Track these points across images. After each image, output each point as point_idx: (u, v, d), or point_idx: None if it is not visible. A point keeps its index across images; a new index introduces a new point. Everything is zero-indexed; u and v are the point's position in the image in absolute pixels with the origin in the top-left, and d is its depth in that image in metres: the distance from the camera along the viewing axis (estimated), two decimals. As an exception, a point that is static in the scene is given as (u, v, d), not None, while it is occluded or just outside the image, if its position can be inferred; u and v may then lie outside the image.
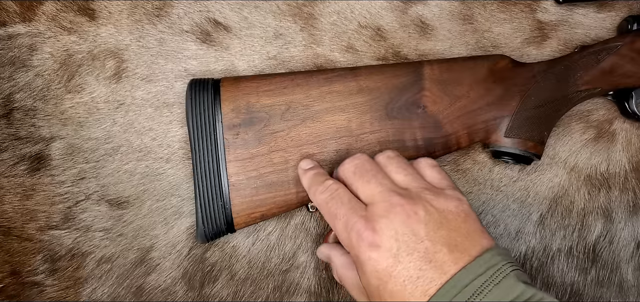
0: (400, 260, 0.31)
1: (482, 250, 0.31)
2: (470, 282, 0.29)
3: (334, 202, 0.35)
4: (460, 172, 0.47)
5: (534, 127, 0.44)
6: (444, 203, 0.33)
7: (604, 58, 0.45)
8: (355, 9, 0.48)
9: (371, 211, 0.33)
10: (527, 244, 0.48)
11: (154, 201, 0.45)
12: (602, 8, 0.49)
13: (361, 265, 0.32)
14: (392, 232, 0.31)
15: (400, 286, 0.30)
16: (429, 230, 0.31)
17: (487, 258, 0.30)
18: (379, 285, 0.31)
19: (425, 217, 0.32)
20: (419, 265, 0.30)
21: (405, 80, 0.43)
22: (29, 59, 0.45)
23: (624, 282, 0.48)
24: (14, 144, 0.44)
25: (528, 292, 0.29)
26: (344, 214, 0.34)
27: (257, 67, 0.47)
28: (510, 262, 0.31)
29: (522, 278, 0.30)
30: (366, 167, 0.36)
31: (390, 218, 0.32)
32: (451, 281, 0.29)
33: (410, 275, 0.30)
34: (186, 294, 0.45)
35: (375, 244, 0.32)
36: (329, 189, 0.36)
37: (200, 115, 0.42)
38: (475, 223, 0.33)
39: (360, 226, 0.32)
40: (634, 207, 0.48)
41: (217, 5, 0.47)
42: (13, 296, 0.43)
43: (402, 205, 0.32)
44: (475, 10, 0.48)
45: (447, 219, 0.32)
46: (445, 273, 0.30)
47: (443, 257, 0.30)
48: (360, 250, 0.32)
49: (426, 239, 0.31)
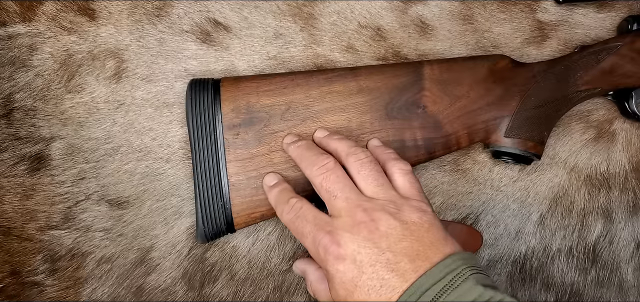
0: (364, 271, 0.32)
1: (443, 256, 0.32)
2: (430, 287, 0.30)
3: (299, 221, 0.36)
4: (460, 172, 0.48)
5: (534, 127, 0.44)
6: (408, 215, 0.34)
7: (604, 58, 0.45)
8: (355, 9, 0.48)
9: (336, 225, 0.35)
10: (527, 244, 0.48)
11: (154, 201, 0.45)
12: (602, 8, 0.49)
13: (330, 278, 0.34)
14: (356, 246, 0.33)
15: (365, 295, 0.32)
16: (390, 242, 0.33)
17: (448, 263, 0.32)
18: (346, 295, 0.33)
19: (386, 231, 0.33)
20: (381, 275, 0.32)
21: (405, 80, 0.43)
22: (29, 59, 0.45)
23: (624, 282, 0.48)
24: (14, 144, 0.44)
25: (486, 294, 0.30)
26: (310, 231, 0.35)
27: (257, 67, 0.47)
28: (470, 266, 0.32)
29: (482, 281, 0.31)
30: (332, 178, 0.37)
31: (354, 233, 0.34)
32: (412, 288, 0.31)
33: (374, 284, 0.32)
34: (186, 294, 0.45)
35: (341, 257, 0.33)
36: (293, 208, 0.37)
37: (200, 115, 0.42)
38: (438, 232, 0.34)
39: (327, 241, 0.34)
40: (634, 207, 0.48)
41: (217, 5, 0.47)
42: (13, 296, 0.43)
43: (365, 222, 0.34)
44: (475, 10, 0.48)
45: (409, 230, 0.34)
46: (406, 281, 0.31)
47: (404, 266, 0.32)
48: (328, 263, 0.34)
49: (388, 250, 0.32)
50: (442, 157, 0.47)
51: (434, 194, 0.47)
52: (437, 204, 0.47)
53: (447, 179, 0.47)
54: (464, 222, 0.47)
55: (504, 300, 0.30)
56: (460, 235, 0.45)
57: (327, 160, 0.38)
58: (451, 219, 0.47)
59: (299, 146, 0.41)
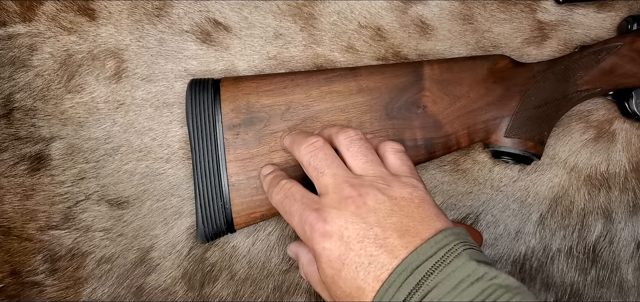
0: (351, 247, 0.31)
1: (434, 232, 0.31)
2: (422, 264, 0.29)
3: (288, 201, 0.36)
4: (460, 172, 0.48)
5: (534, 127, 0.44)
6: (398, 191, 0.33)
7: (604, 58, 0.45)
8: (355, 9, 0.48)
9: (323, 202, 0.34)
10: (527, 244, 0.48)
11: (154, 201, 0.45)
12: (602, 8, 0.49)
13: (317, 257, 0.33)
14: (343, 222, 0.32)
15: (353, 273, 0.31)
16: (379, 217, 0.32)
17: (439, 239, 0.31)
18: (333, 274, 0.32)
19: (374, 206, 0.32)
20: (369, 251, 0.31)
21: (405, 80, 0.44)
22: (29, 59, 0.45)
23: (624, 282, 0.48)
24: (14, 144, 0.44)
25: (480, 270, 0.29)
26: (297, 210, 0.34)
27: (257, 67, 0.47)
28: (463, 241, 0.31)
29: (475, 257, 0.30)
30: (320, 155, 0.36)
31: (341, 209, 0.33)
32: (402, 264, 0.30)
33: (362, 261, 0.31)
34: (186, 294, 0.45)
35: (328, 234, 0.32)
36: (283, 188, 0.37)
37: (200, 115, 0.42)
38: (430, 208, 0.33)
39: (313, 218, 0.33)
40: (634, 207, 0.48)
41: (217, 5, 0.47)
42: (13, 296, 0.43)
43: (353, 196, 0.33)
44: (475, 10, 0.48)
45: (399, 205, 0.33)
46: (396, 257, 0.30)
47: (393, 242, 0.31)
48: (315, 241, 0.33)
49: (376, 225, 0.31)
50: (442, 157, 0.47)
51: (434, 194, 0.47)
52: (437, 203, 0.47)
53: (447, 179, 0.47)
54: (464, 222, 0.47)
55: (498, 276, 0.29)
56: (460, 235, 0.45)
57: (316, 139, 0.38)
58: (451, 219, 0.47)
59: (292, 133, 0.41)
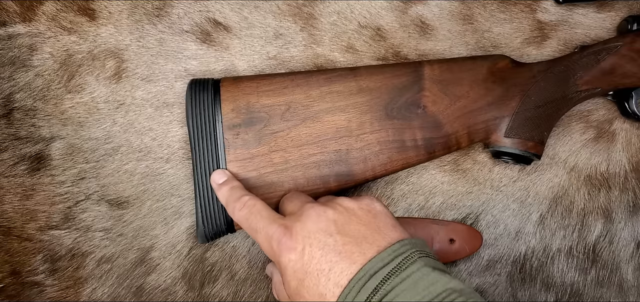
0: (313, 255, 0.33)
1: (391, 241, 0.33)
2: (379, 270, 0.31)
3: (253, 217, 0.37)
4: (460, 172, 0.48)
5: (534, 127, 0.44)
6: (356, 203, 0.36)
7: (604, 58, 0.45)
8: (355, 9, 0.48)
9: (288, 220, 0.35)
10: (527, 244, 0.48)
11: (154, 201, 0.45)
12: (602, 8, 0.49)
13: (283, 271, 0.34)
14: (306, 232, 0.34)
15: (315, 280, 0.32)
16: (338, 226, 0.34)
17: (396, 248, 0.32)
18: (297, 285, 0.33)
19: (334, 215, 0.34)
20: (329, 258, 0.32)
21: (405, 80, 0.43)
22: (29, 59, 0.45)
23: (624, 282, 0.48)
24: (14, 144, 0.44)
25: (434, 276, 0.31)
26: (263, 227, 0.36)
27: (257, 67, 0.47)
28: (420, 250, 0.33)
29: (432, 264, 0.32)
30: (294, 194, 0.40)
31: (303, 220, 0.34)
32: (361, 271, 0.31)
33: (323, 268, 0.32)
34: (186, 294, 0.45)
35: (293, 247, 0.34)
36: (247, 205, 0.37)
37: (200, 115, 0.42)
38: (387, 219, 0.35)
39: (279, 233, 0.34)
40: (634, 207, 0.48)
41: (217, 5, 0.47)
42: (13, 296, 0.43)
43: (314, 208, 0.35)
44: (475, 10, 0.48)
45: (357, 216, 0.35)
46: (354, 263, 0.32)
47: (351, 249, 0.32)
48: (281, 255, 0.34)
49: (336, 233, 0.33)
50: (442, 157, 0.47)
51: (434, 194, 0.47)
52: (437, 204, 0.47)
53: (447, 179, 0.47)
54: (464, 222, 0.47)
55: (452, 281, 0.30)
56: (460, 235, 0.46)
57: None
58: (451, 219, 0.47)
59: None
